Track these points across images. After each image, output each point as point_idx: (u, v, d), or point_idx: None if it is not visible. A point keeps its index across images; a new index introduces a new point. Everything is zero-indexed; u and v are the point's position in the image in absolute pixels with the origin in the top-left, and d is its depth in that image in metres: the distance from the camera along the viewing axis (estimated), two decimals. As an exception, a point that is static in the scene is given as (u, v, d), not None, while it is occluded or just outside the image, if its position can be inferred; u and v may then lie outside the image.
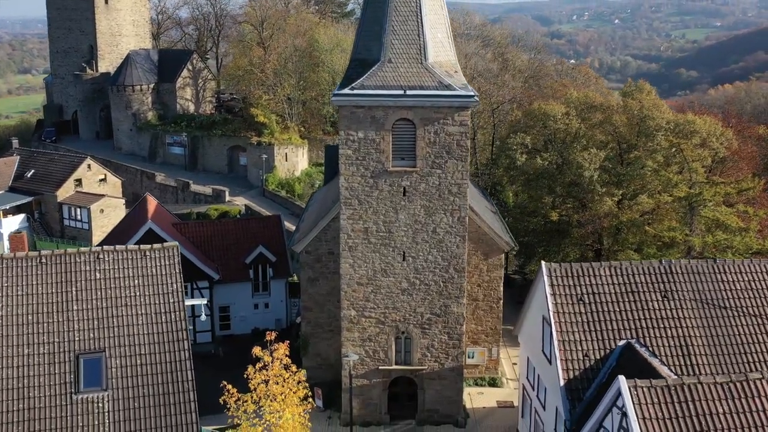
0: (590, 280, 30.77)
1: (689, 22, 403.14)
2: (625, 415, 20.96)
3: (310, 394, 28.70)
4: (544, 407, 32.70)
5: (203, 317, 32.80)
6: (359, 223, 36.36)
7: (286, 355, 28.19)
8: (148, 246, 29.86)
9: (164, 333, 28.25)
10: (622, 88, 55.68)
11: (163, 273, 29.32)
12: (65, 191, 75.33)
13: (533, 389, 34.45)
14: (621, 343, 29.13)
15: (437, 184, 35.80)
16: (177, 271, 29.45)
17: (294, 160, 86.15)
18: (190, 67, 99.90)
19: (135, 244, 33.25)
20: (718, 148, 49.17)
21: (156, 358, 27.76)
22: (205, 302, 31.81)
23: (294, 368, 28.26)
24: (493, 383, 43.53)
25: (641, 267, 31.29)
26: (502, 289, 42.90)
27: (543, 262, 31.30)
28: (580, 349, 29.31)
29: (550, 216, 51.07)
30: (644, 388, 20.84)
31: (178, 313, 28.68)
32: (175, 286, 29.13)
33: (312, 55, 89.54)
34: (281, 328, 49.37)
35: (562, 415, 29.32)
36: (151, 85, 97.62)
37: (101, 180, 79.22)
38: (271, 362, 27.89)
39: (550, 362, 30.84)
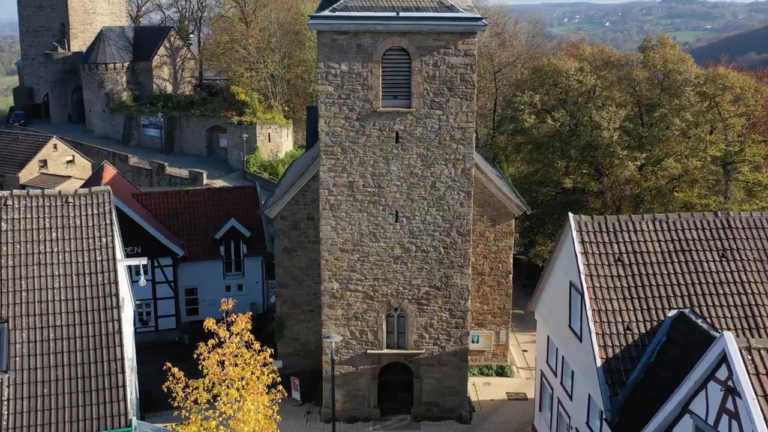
0: (631, 237, 24.79)
1: (680, 24, 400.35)
2: (733, 392, 14.59)
3: (279, 380, 22.57)
4: (570, 397, 26.56)
5: (142, 281, 26.76)
6: (343, 176, 30.15)
7: (249, 330, 22.09)
8: (72, 191, 23.59)
9: (88, 299, 22.10)
10: (641, 43, 49.57)
11: (90, 224, 23.11)
12: (29, 172, 70.66)
13: (555, 375, 28.32)
14: (671, 313, 23.08)
15: (437, 128, 29.65)
16: (108, 222, 23.22)
17: (277, 141, 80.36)
18: (168, 45, 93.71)
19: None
20: (753, 105, 43.19)
21: (76, 331, 21.60)
22: (145, 262, 25.59)
23: (257, 346, 22.12)
24: (502, 372, 37.28)
25: (693, 221, 25.24)
26: (511, 260, 36.66)
27: (570, 214, 25.18)
28: (620, 321, 23.32)
29: (563, 183, 44.84)
30: (762, 351, 14.30)
31: (107, 274, 22.47)
32: (104, 240, 22.89)
33: (297, 31, 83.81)
34: (257, 313, 43.04)
35: (597, 405, 23.24)
36: (126, 64, 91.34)
37: (69, 161, 74.20)
38: (228, 338, 21.79)
39: (580, 339, 24.74)
